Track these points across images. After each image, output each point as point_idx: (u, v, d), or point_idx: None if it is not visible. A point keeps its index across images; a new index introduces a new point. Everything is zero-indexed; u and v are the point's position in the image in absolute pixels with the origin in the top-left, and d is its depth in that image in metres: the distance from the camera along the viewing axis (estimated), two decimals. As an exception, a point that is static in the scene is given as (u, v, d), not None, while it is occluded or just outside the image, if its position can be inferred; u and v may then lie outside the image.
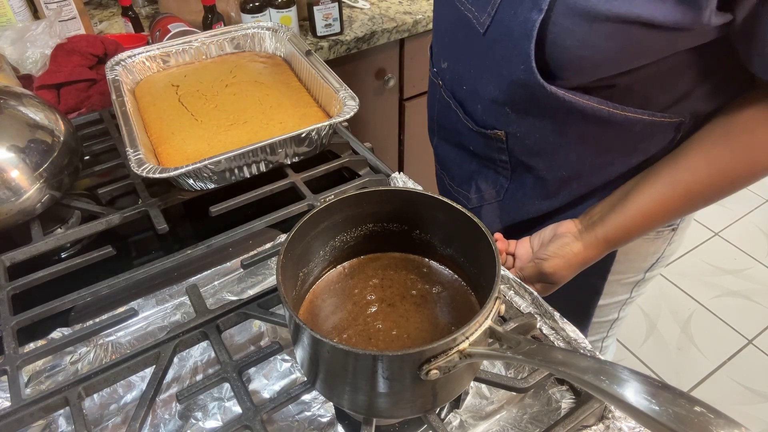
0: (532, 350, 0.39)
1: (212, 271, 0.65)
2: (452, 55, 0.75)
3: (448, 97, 0.79)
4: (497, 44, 0.63)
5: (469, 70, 0.71)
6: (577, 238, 0.70)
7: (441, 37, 0.78)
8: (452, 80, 0.77)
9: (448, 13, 0.73)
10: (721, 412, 0.30)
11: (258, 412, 0.49)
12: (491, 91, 0.68)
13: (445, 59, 0.77)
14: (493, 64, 0.65)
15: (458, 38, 0.71)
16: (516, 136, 0.71)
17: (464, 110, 0.77)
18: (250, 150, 0.69)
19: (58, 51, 1.00)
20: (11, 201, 0.65)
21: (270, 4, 1.26)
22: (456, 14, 0.69)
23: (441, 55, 0.79)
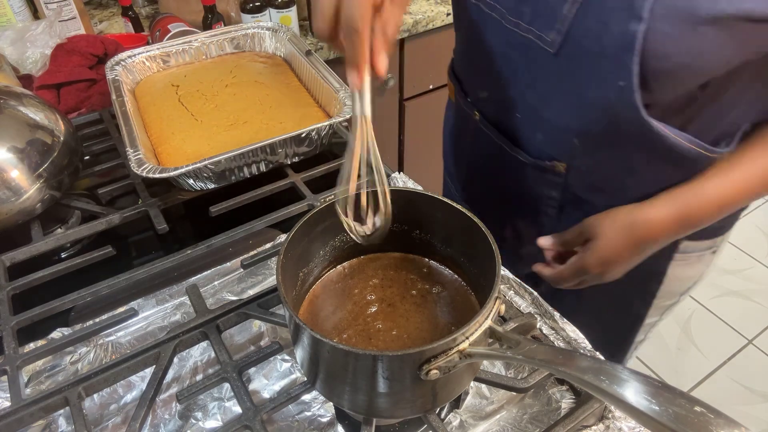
0: (532, 350, 0.39)
1: (212, 271, 0.65)
2: (500, 82, 0.66)
3: (489, 130, 0.72)
4: (576, 64, 0.56)
5: (529, 96, 0.64)
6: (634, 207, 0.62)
7: (479, 65, 0.69)
8: (498, 109, 0.70)
9: (490, 37, 0.65)
10: (721, 412, 0.30)
11: (258, 412, 0.49)
12: (562, 117, 0.61)
13: (487, 88, 0.70)
14: (571, 87, 0.58)
15: (511, 62, 0.64)
16: (579, 169, 0.65)
17: (514, 141, 0.69)
18: (250, 150, 0.69)
19: (58, 51, 1.00)
20: (11, 201, 0.65)
21: (270, 4, 1.26)
22: (505, 37, 0.62)
23: (480, 83, 0.71)
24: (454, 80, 0.81)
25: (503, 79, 0.66)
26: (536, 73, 0.61)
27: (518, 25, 0.59)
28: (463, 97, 0.77)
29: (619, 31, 0.50)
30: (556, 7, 0.55)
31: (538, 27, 0.57)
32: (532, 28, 0.58)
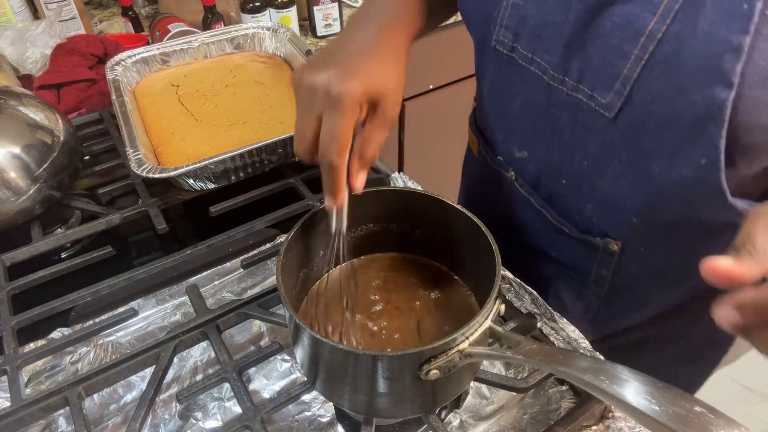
0: (532, 350, 0.39)
1: (212, 271, 0.65)
2: (541, 142, 0.57)
3: (527, 193, 0.62)
4: (640, 132, 0.46)
5: (577, 162, 0.54)
6: None
7: (512, 121, 0.60)
8: (539, 173, 0.59)
9: (526, 92, 0.55)
10: (721, 412, 0.30)
11: (258, 412, 0.49)
12: (619, 190, 0.51)
13: (525, 147, 0.60)
14: (633, 158, 0.48)
15: (554, 122, 0.54)
16: (638, 250, 0.55)
17: (557, 210, 0.60)
18: (250, 150, 0.69)
19: (58, 51, 1.00)
20: (11, 201, 0.65)
21: (270, 4, 1.26)
22: (546, 93, 0.52)
23: (516, 142, 0.61)
24: (477, 133, 0.71)
25: (545, 139, 0.56)
26: (587, 137, 0.51)
27: (564, 82, 0.50)
28: (491, 153, 0.67)
29: (700, 98, 0.41)
30: (614, 64, 0.45)
31: (591, 86, 0.48)
32: (583, 87, 0.49)
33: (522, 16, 0.52)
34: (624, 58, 0.44)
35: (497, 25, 0.54)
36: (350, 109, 0.43)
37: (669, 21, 0.41)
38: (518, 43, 0.53)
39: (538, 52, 0.52)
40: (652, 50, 0.42)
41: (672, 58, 0.41)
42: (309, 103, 0.45)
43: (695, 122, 0.42)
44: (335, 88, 0.43)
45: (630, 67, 0.44)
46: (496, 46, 0.55)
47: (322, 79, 0.44)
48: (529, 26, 0.51)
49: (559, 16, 0.48)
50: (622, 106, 0.46)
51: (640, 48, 0.43)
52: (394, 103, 0.47)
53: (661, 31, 0.41)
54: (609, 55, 0.45)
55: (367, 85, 0.44)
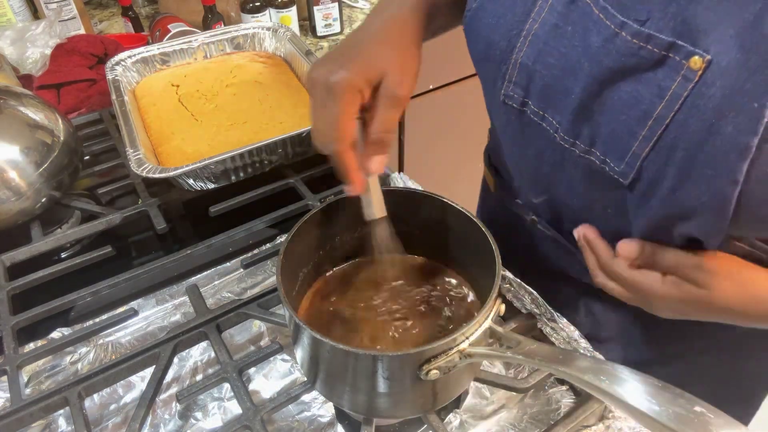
0: (532, 350, 0.39)
1: (212, 271, 0.65)
2: (558, 190, 0.56)
3: (550, 232, 0.62)
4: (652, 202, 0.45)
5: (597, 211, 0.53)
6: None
7: (530, 169, 0.58)
8: (559, 217, 0.59)
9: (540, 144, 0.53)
10: (721, 412, 0.30)
11: (258, 412, 0.49)
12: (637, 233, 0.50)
13: (543, 194, 0.59)
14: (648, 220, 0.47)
15: (569, 177, 0.52)
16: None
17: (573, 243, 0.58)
18: (250, 150, 0.69)
19: (58, 51, 1.00)
20: (11, 201, 0.65)
21: (270, 4, 1.26)
22: (559, 151, 0.50)
23: (533, 188, 0.60)
24: (493, 171, 0.69)
25: (562, 188, 0.54)
26: (605, 193, 0.50)
27: (575, 144, 0.48)
28: (509, 194, 0.65)
29: (705, 189, 0.40)
30: (623, 139, 0.44)
31: (603, 153, 0.46)
32: (596, 151, 0.47)
33: (531, 76, 0.49)
34: (633, 136, 0.43)
35: (506, 80, 0.52)
36: (343, 96, 0.44)
37: (677, 108, 0.40)
38: (529, 100, 0.51)
39: (549, 111, 0.50)
40: (660, 134, 0.41)
41: (677, 146, 0.41)
42: (314, 98, 0.47)
43: (703, 209, 0.41)
44: (331, 78, 0.44)
45: (639, 146, 0.43)
46: (506, 100, 0.53)
47: (320, 72, 0.45)
48: (539, 86, 0.49)
49: (568, 81, 0.46)
50: (635, 178, 0.45)
51: (648, 130, 0.42)
52: (399, 81, 0.46)
53: (668, 118, 0.40)
54: (618, 129, 0.44)
55: (362, 70, 0.45)
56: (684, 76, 0.39)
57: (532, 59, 0.48)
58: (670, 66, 0.40)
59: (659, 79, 0.40)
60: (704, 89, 0.38)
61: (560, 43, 0.46)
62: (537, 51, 0.48)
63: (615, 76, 0.43)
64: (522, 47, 0.49)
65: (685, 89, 0.39)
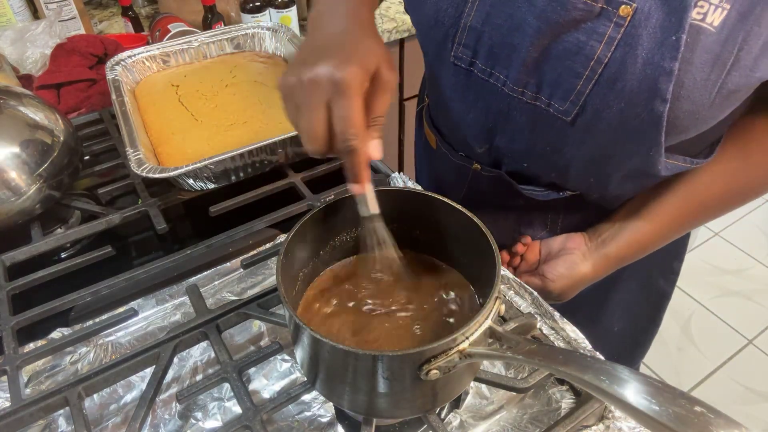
0: (532, 350, 0.39)
1: (212, 271, 0.65)
2: (502, 138, 0.64)
3: (491, 173, 0.70)
4: (595, 132, 0.55)
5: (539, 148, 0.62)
6: (586, 257, 0.69)
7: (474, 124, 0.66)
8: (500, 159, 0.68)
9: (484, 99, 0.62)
10: (721, 412, 0.30)
11: (258, 412, 0.49)
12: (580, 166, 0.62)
13: (486, 143, 0.67)
14: (590, 149, 0.58)
15: (514, 122, 0.61)
16: (591, 196, 0.68)
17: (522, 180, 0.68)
18: (250, 150, 0.69)
19: (58, 51, 1.00)
20: (11, 201, 0.65)
21: (270, 4, 1.26)
22: (505, 100, 0.59)
23: (476, 140, 0.67)
24: (434, 130, 0.77)
25: (506, 135, 0.63)
26: (547, 132, 0.59)
27: (523, 93, 0.57)
28: (452, 150, 0.74)
29: (642, 110, 0.51)
30: (567, 81, 0.53)
31: (548, 96, 0.56)
32: (541, 96, 0.56)
33: (479, 37, 0.57)
34: (576, 77, 0.52)
35: (455, 42, 0.59)
36: (357, 91, 0.44)
37: (613, 49, 0.50)
38: (477, 59, 0.59)
39: (497, 67, 0.58)
40: (600, 71, 0.51)
41: (618, 79, 0.50)
42: (313, 97, 0.45)
43: (640, 127, 0.52)
44: (339, 75, 0.43)
45: (582, 84, 0.52)
46: (455, 61, 0.61)
47: (324, 70, 0.44)
48: (487, 46, 0.57)
49: (515, 39, 0.54)
50: (577, 113, 0.54)
51: (590, 70, 0.51)
52: (389, 68, 0.48)
53: (606, 57, 0.50)
54: (564, 73, 0.53)
55: (364, 62, 0.45)
56: (616, 22, 0.49)
57: (481, 22, 0.56)
58: (605, 16, 0.49)
59: (597, 27, 0.50)
60: (633, 30, 0.48)
61: (506, 5, 0.54)
62: (485, 14, 0.56)
63: (560, 29, 0.51)
64: (470, 12, 0.57)
65: (618, 32, 0.49)
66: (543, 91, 0.56)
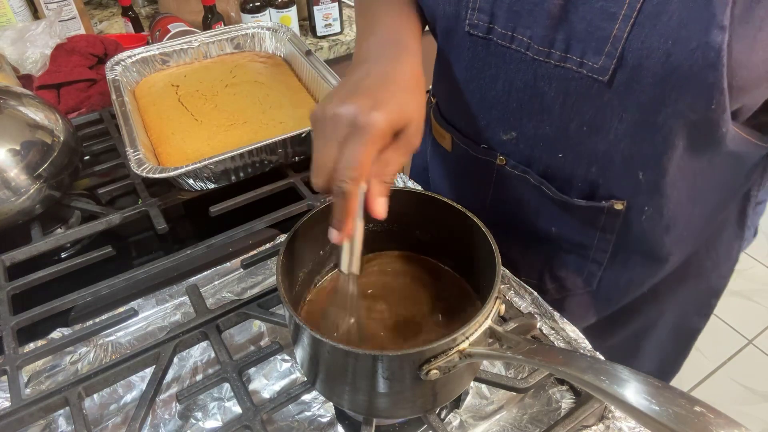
0: (532, 350, 0.39)
1: (212, 271, 0.65)
2: (530, 119, 0.57)
3: (522, 172, 0.61)
4: (638, 90, 0.47)
5: (574, 131, 0.54)
6: None
7: (498, 104, 0.59)
8: (531, 150, 0.59)
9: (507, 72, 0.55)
10: (721, 412, 0.30)
11: (258, 412, 0.49)
12: (625, 148, 0.52)
13: (513, 128, 0.59)
14: (634, 116, 0.50)
15: (542, 97, 0.54)
16: (642, 209, 0.57)
17: (557, 182, 0.59)
18: (250, 150, 0.69)
19: (58, 51, 1.00)
20: (11, 201, 0.65)
21: (270, 4, 1.26)
22: (531, 70, 0.53)
23: (501, 125, 0.60)
24: (450, 128, 0.69)
25: (534, 115, 0.56)
26: (581, 105, 0.52)
27: (550, 54, 0.50)
28: (473, 144, 0.65)
29: (696, 46, 0.42)
30: (601, 27, 0.46)
31: (580, 53, 0.49)
32: (571, 56, 0.49)
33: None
34: (611, 19, 0.45)
35: (468, 8, 0.54)
36: (375, 139, 0.42)
37: None
38: (495, 24, 0.53)
39: (519, 28, 0.52)
40: (639, 7, 0.43)
41: (661, 12, 0.43)
42: (331, 133, 0.43)
43: (694, 71, 0.43)
44: (362, 118, 0.41)
45: (619, 27, 0.45)
46: (471, 30, 0.55)
47: (349, 109, 0.42)
48: (506, 4, 0.51)
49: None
50: (615, 68, 0.47)
51: (627, 7, 0.44)
52: (418, 131, 0.45)
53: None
54: (595, 19, 0.46)
55: (394, 116, 0.43)
56: None
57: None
58: None
59: None
60: None
61: None
62: None
63: None
64: None
65: None
66: (573, 48, 0.49)
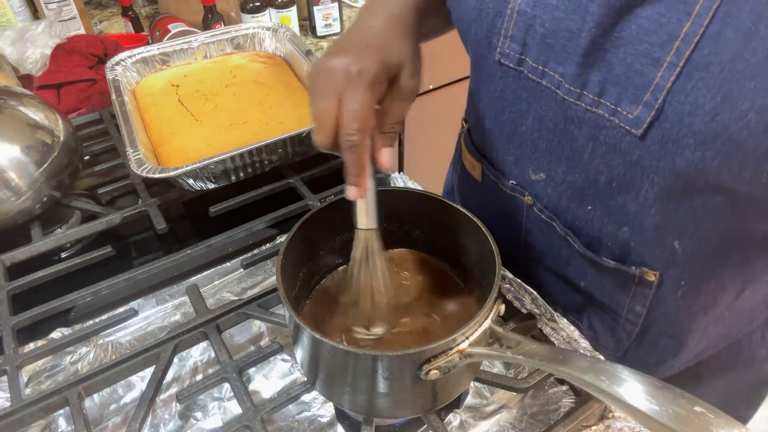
0: (532, 350, 0.39)
1: (212, 271, 0.65)
2: (559, 163, 0.51)
3: (549, 218, 0.55)
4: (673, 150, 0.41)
5: (603, 183, 0.48)
6: None
7: (527, 141, 0.53)
8: (559, 197, 0.53)
9: (537, 109, 0.50)
10: (721, 412, 0.30)
11: (258, 412, 0.49)
12: (657, 213, 0.46)
13: (541, 169, 0.53)
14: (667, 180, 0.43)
15: (572, 141, 0.48)
16: (677, 283, 0.50)
17: (584, 237, 0.53)
18: (250, 150, 0.69)
19: (58, 51, 1.00)
20: (11, 201, 0.65)
21: (270, 4, 1.26)
22: (560, 110, 0.47)
23: (530, 163, 0.54)
24: (480, 157, 0.63)
25: (563, 159, 0.50)
26: (611, 158, 0.46)
27: (582, 96, 0.45)
28: (501, 178, 0.59)
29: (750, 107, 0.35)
30: (642, 72, 0.40)
31: (614, 100, 0.42)
32: (605, 101, 0.43)
33: (530, 24, 0.46)
34: (655, 65, 0.39)
35: (501, 36, 0.49)
36: (370, 85, 0.42)
37: (707, 21, 0.36)
38: (527, 55, 0.48)
39: (550, 63, 0.46)
40: (688, 55, 0.37)
41: (713, 62, 0.36)
42: (327, 88, 0.43)
43: (744, 136, 0.37)
44: (354, 67, 0.41)
45: (663, 75, 0.39)
46: (501, 59, 0.50)
47: (340, 61, 0.42)
48: (539, 35, 0.46)
49: (574, 23, 0.43)
50: (652, 121, 0.41)
51: (675, 53, 0.38)
52: (413, 73, 0.45)
53: (698, 34, 0.37)
54: (636, 62, 0.40)
55: (384, 60, 0.43)
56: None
57: (532, 4, 0.45)
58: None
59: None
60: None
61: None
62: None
63: (634, 1, 0.39)
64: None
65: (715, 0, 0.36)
66: (607, 93, 0.43)
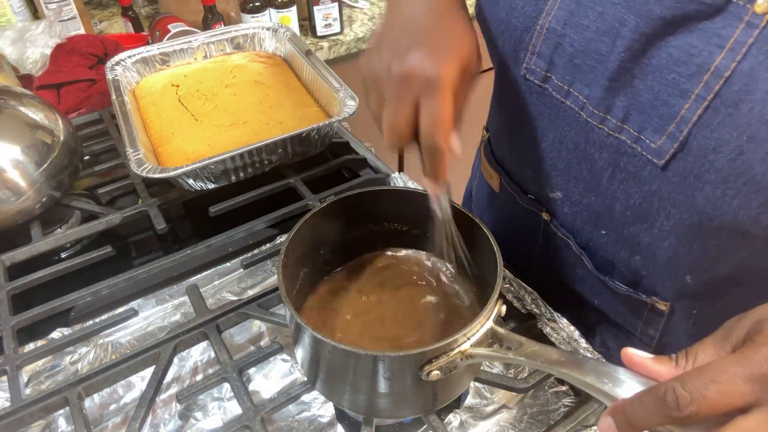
0: (533, 351, 0.39)
1: (212, 271, 0.65)
2: (577, 185, 0.50)
3: (564, 236, 0.55)
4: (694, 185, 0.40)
5: (619, 210, 0.48)
6: None
7: (547, 159, 0.52)
8: (575, 217, 0.53)
9: (559, 128, 0.49)
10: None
11: (258, 412, 0.49)
12: (668, 245, 0.45)
13: (559, 188, 0.53)
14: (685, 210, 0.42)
15: (591, 164, 0.48)
16: (689, 312, 0.49)
17: (597, 260, 0.53)
18: (250, 150, 0.69)
19: (58, 51, 1.00)
20: (11, 201, 0.65)
21: (270, 4, 1.26)
22: (583, 132, 0.47)
23: (548, 181, 0.54)
24: (499, 169, 0.63)
25: (581, 181, 0.50)
26: (629, 186, 0.45)
27: (605, 120, 0.44)
28: (520, 192, 0.60)
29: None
30: (669, 103, 0.39)
31: (638, 127, 0.42)
32: (628, 128, 0.43)
33: (559, 42, 0.45)
34: (682, 97, 0.38)
35: (528, 52, 0.48)
36: (451, 90, 0.41)
37: (740, 57, 0.36)
38: (552, 74, 0.47)
39: (576, 84, 0.46)
40: (717, 90, 0.37)
41: (742, 100, 0.36)
42: (402, 93, 0.41)
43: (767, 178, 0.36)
44: (433, 72, 0.40)
45: (689, 108, 0.38)
46: (527, 75, 0.49)
47: (416, 64, 0.40)
48: (567, 54, 0.45)
49: (604, 45, 0.42)
50: (675, 153, 0.40)
51: (703, 87, 0.37)
52: (478, 58, 0.44)
53: (729, 69, 0.36)
54: (663, 92, 0.40)
55: (458, 57, 0.42)
56: (749, 22, 0.35)
57: (562, 22, 0.45)
58: (731, 12, 0.36)
59: (717, 27, 0.36)
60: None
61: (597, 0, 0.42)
62: (569, 12, 0.44)
63: (666, 29, 0.38)
64: (551, 10, 0.45)
65: (750, 36, 0.35)
66: (631, 120, 0.42)
